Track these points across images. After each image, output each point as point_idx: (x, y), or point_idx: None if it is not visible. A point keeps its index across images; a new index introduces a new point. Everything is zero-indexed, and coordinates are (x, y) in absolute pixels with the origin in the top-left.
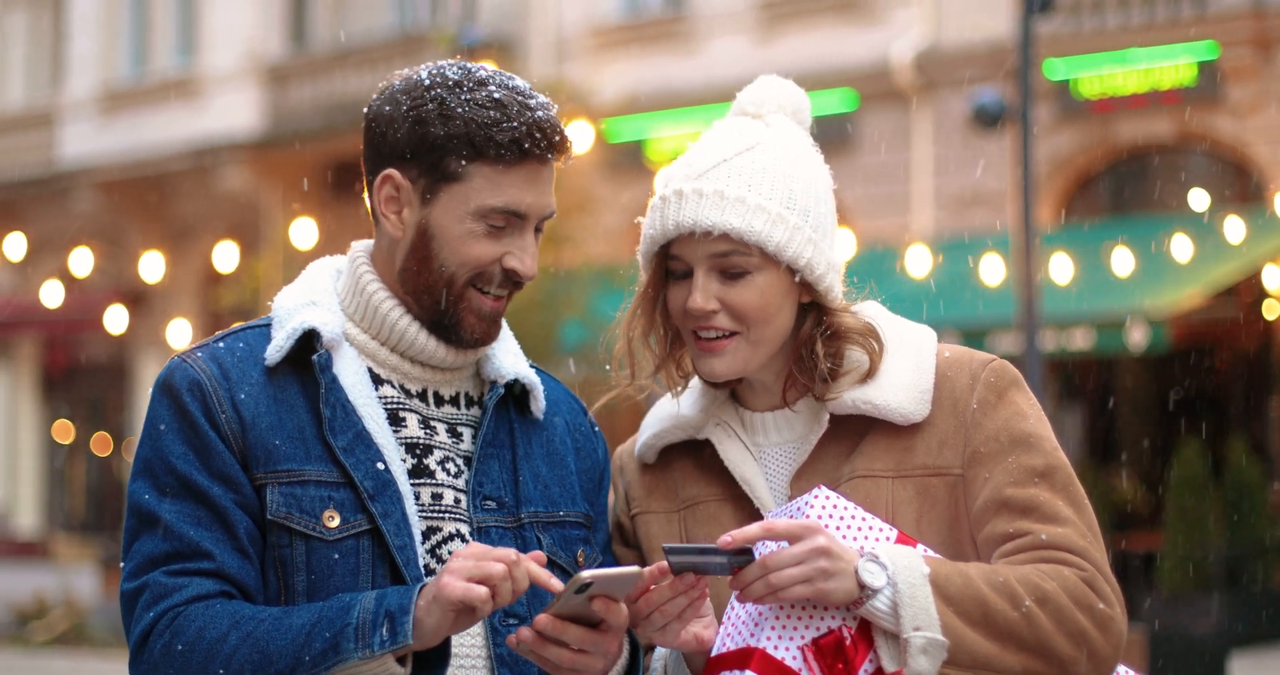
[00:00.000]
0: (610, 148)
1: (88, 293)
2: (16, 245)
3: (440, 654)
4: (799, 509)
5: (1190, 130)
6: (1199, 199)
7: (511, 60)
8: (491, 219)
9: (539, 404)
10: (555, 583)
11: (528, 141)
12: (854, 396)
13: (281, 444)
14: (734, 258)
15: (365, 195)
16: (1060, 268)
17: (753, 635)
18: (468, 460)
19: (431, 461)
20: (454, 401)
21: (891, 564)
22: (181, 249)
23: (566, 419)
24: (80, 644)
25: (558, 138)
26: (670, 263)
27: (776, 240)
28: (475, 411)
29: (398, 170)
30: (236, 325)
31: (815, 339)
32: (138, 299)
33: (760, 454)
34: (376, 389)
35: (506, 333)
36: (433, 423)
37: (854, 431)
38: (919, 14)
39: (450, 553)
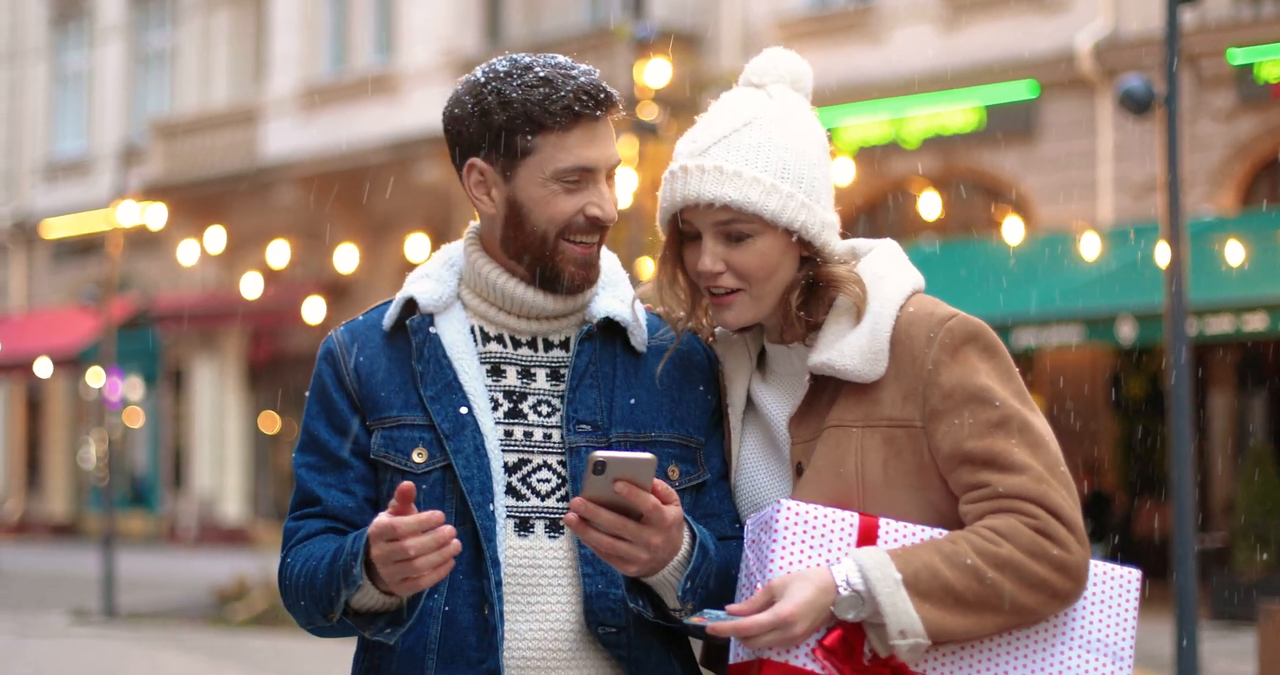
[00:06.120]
0: None
1: (290, 285)
2: (217, 239)
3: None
4: (768, 521)
5: None
6: None
7: (698, 53)
8: (566, 177)
9: (639, 338)
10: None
11: (576, 105)
12: (820, 359)
13: (387, 395)
14: (735, 225)
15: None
16: (1237, 252)
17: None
18: (564, 398)
19: (525, 406)
20: (563, 346)
21: (865, 579)
22: (380, 241)
23: (686, 355)
24: (277, 624)
25: (602, 96)
26: (683, 227)
27: (771, 209)
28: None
29: (478, 158)
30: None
31: (796, 287)
32: (337, 291)
33: (772, 380)
34: (484, 345)
35: (618, 278)
36: (534, 370)
37: (835, 383)
38: (1101, 3)
39: (539, 481)
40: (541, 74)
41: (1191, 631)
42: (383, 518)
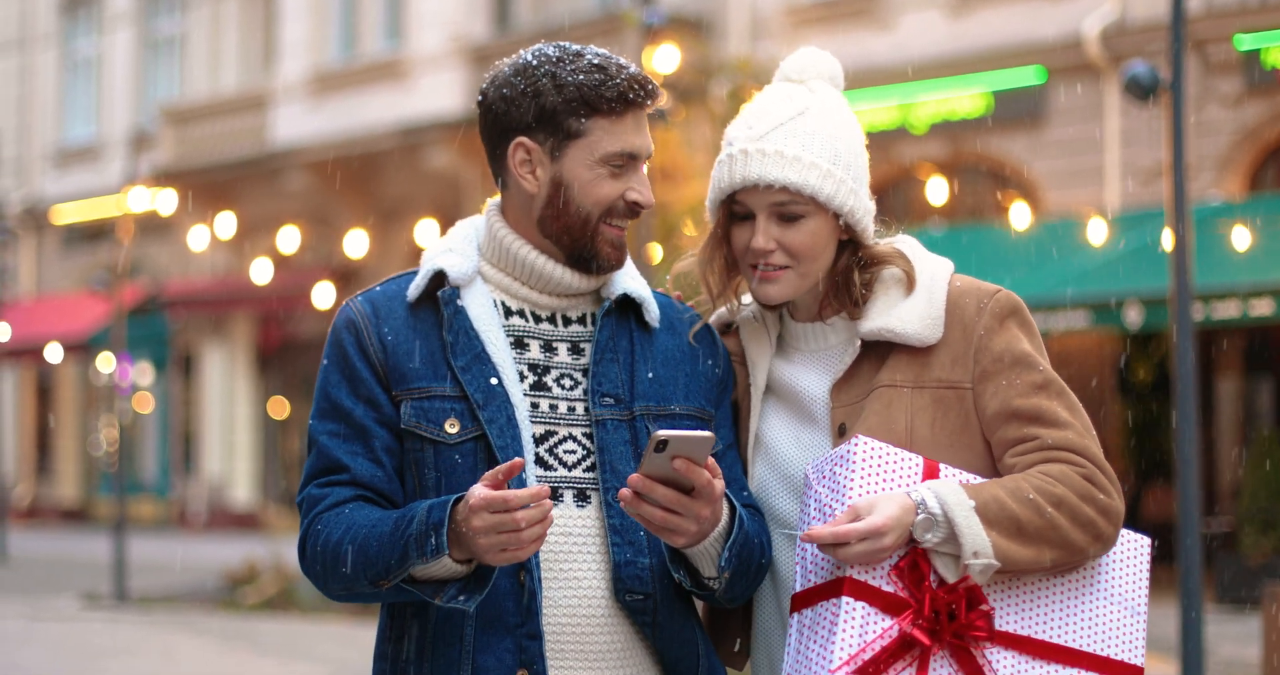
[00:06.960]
0: None
1: (300, 271)
2: (227, 225)
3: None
4: (844, 455)
5: None
6: None
7: (707, 40)
8: (613, 162)
9: (652, 314)
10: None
11: (631, 93)
12: (877, 326)
13: (415, 366)
14: (791, 206)
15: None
16: (1243, 237)
17: (838, 567)
18: (585, 372)
19: (549, 379)
20: (580, 321)
21: (942, 504)
22: (389, 226)
23: (692, 332)
24: (288, 608)
25: (651, 86)
26: (734, 208)
27: (827, 192)
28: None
29: (526, 138)
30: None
31: (853, 269)
32: (346, 276)
33: (797, 357)
34: (507, 318)
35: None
36: (555, 344)
37: (881, 350)
38: None
39: (566, 452)
40: (595, 61)
41: (1197, 615)
42: (484, 491)
